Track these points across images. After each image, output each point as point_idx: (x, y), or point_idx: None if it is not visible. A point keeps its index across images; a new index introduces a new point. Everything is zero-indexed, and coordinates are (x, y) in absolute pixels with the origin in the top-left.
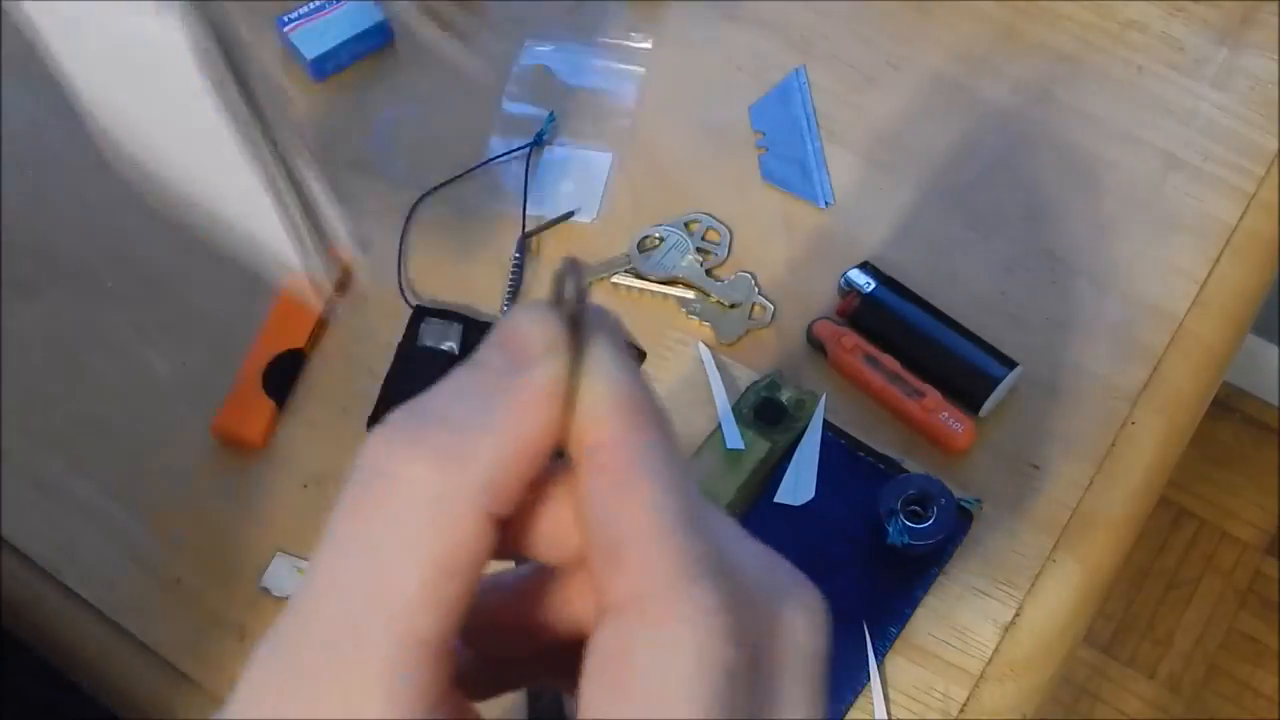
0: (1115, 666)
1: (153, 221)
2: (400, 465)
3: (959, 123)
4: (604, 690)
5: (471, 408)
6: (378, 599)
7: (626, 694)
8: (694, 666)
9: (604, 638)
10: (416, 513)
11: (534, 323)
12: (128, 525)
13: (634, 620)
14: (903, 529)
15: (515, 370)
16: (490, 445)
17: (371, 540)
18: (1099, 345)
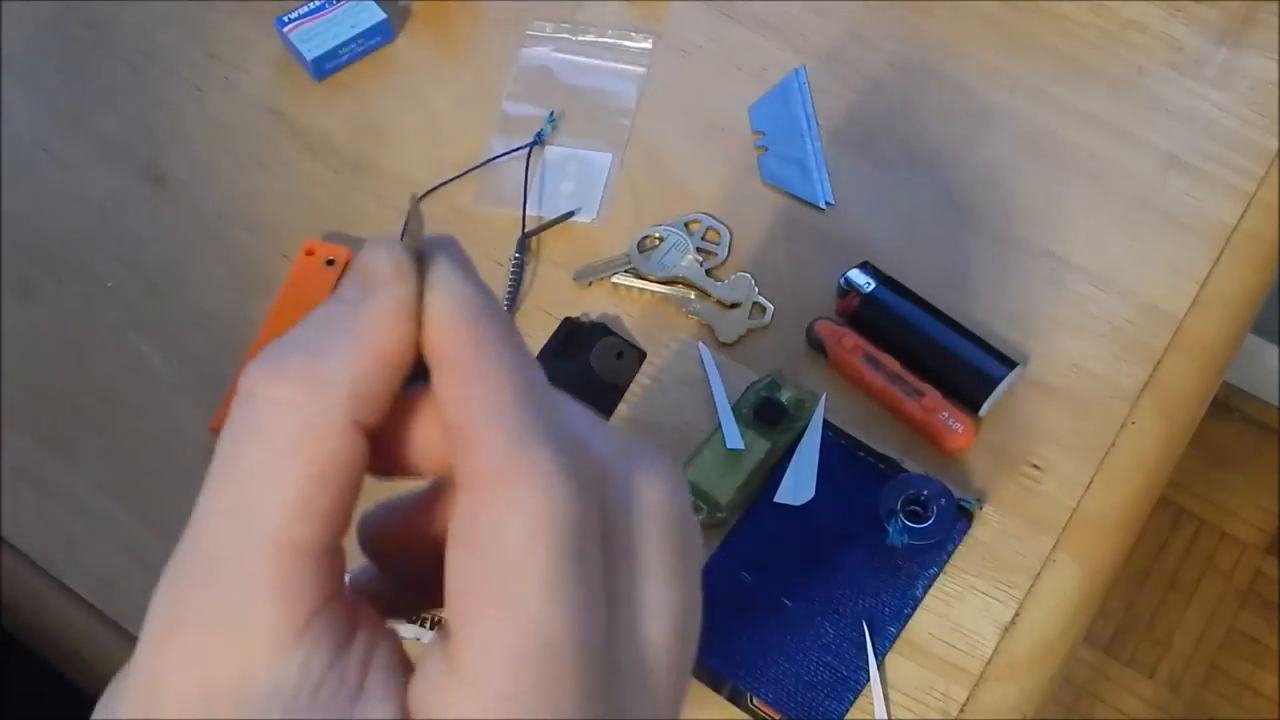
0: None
1: (153, 221)
2: (266, 388)
3: (959, 123)
4: (457, 557)
5: (329, 333)
6: (255, 513)
7: (477, 555)
8: (536, 521)
9: (457, 515)
10: (284, 429)
11: (380, 253)
12: (128, 525)
13: (481, 491)
14: (903, 529)
15: (367, 296)
16: (347, 360)
17: (245, 461)
18: (1099, 345)
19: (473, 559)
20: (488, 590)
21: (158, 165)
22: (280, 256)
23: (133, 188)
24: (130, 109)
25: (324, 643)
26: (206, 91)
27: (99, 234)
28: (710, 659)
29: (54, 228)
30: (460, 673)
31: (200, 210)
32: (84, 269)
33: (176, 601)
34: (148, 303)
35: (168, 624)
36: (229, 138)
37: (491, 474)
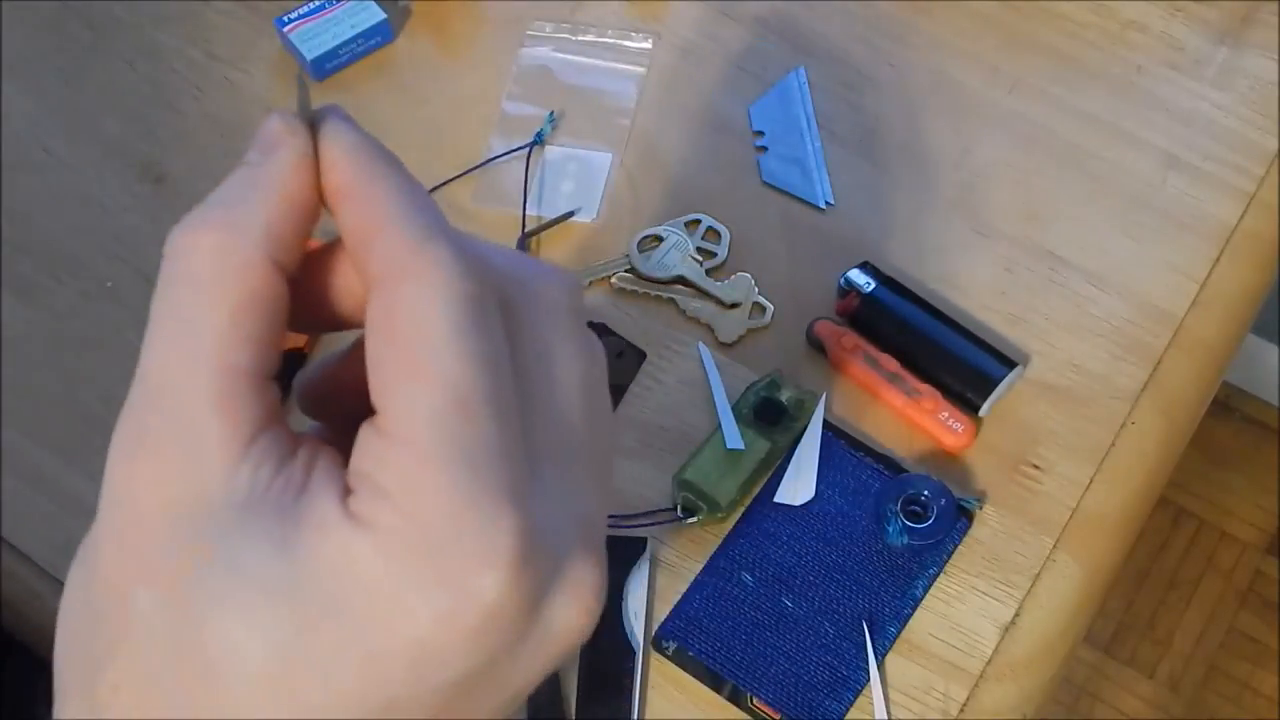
0: (1115, 666)
1: (153, 221)
2: (189, 239)
3: (959, 123)
4: (374, 345)
5: (239, 188)
6: (193, 342)
7: (390, 337)
8: (436, 296)
9: (370, 313)
10: (209, 267)
11: (274, 120)
12: None
13: (388, 284)
14: (903, 529)
15: (267, 154)
16: (258, 206)
17: (177, 300)
18: (1099, 345)
19: (387, 342)
20: (402, 363)
21: (158, 165)
22: None
23: (133, 188)
24: (130, 109)
25: (270, 456)
26: (206, 91)
27: (99, 234)
28: (710, 659)
29: (54, 228)
30: (389, 437)
31: None
32: (84, 269)
33: (132, 431)
34: (148, 303)
35: (126, 452)
36: (229, 138)
37: (396, 268)
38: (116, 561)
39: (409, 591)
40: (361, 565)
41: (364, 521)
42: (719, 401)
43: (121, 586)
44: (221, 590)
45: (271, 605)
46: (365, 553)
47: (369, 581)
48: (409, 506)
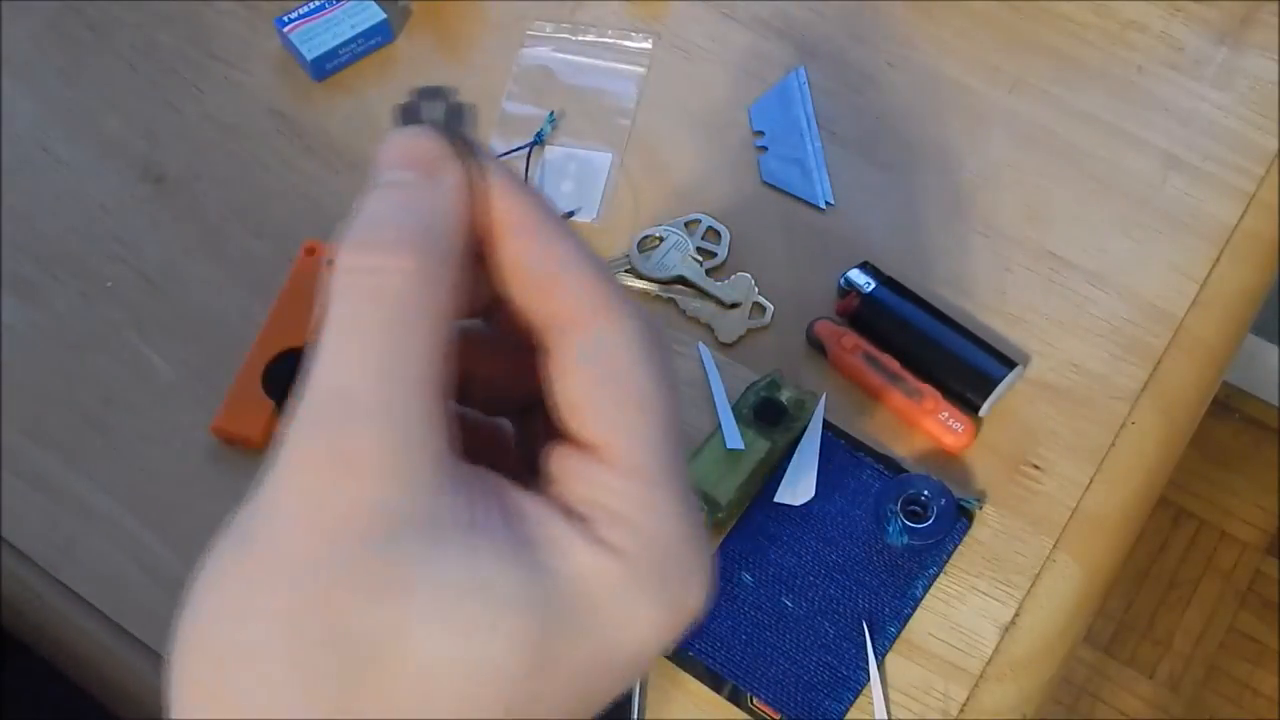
0: (1115, 666)
1: (153, 221)
2: (380, 260)
3: (959, 123)
4: (584, 380)
5: (411, 212)
6: (405, 368)
7: (609, 377)
8: (638, 338)
9: (568, 347)
10: (415, 291)
11: (425, 140)
12: (128, 525)
13: (584, 325)
14: (903, 529)
15: (431, 180)
16: (442, 231)
17: (375, 318)
18: (1099, 345)
19: (603, 379)
20: (623, 399)
21: (158, 165)
22: (280, 256)
23: (133, 188)
24: (130, 109)
25: (466, 478)
26: (206, 91)
27: (99, 234)
28: (710, 659)
29: (54, 228)
30: (617, 468)
31: (200, 210)
32: (84, 269)
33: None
34: (148, 303)
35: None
36: (229, 138)
37: (589, 308)
38: (324, 581)
39: (643, 606)
40: (607, 583)
41: (608, 546)
42: (719, 402)
43: (336, 607)
44: (455, 605)
45: (521, 618)
46: (612, 572)
47: (612, 598)
48: (647, 531)
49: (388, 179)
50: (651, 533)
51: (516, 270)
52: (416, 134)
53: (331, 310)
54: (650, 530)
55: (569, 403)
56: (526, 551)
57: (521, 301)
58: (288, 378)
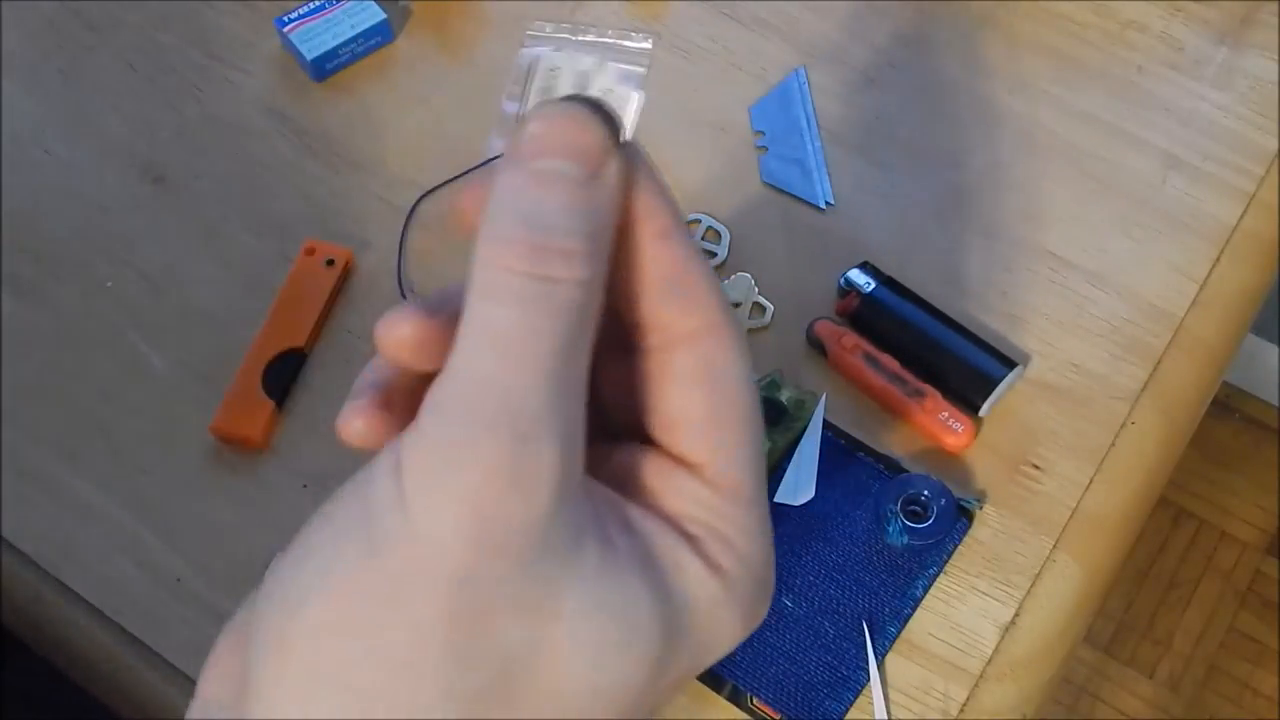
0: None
1: (153, 221)
2: (562, 273)
3: (959, 123)
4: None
5: (583, 218)
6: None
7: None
8: (744, 360)
9: (688, 358)
10: (581, 306)
11: (589, 127)
12: (128, 525)
13: (703, 341)
14: (903, 529)
15: (596, 176)
16: (604, 240)
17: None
18: (1099, 345)
19: (712, 396)
20: (732, 421)
21: (158, 165)
22: (280, 256)
23: (133, 188)
24: (130, 109)
25: (591, 485)
26: (206, 91)
27: (99, 234)
28: None
29: (54, 228)
30: (723, 491)
31: (200, 210)
32: (84, 269)
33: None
34: (148, 303)
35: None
36: (229, 138)
37: (709, 324)
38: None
39: (732, 623)
40: (710, 601)
41: (714, 565)
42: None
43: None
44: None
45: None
46: (715, 591)
47: (711, 614)
48: (743, 551)
49: (548, 168)
50: (747, 553)
51: (647, 274)
52: (578, 118)
53: (495, 311)
54: (745, 550)
55: (675, 416)
56: (652, 571)
57: (643, 307)
58: (288, 378)
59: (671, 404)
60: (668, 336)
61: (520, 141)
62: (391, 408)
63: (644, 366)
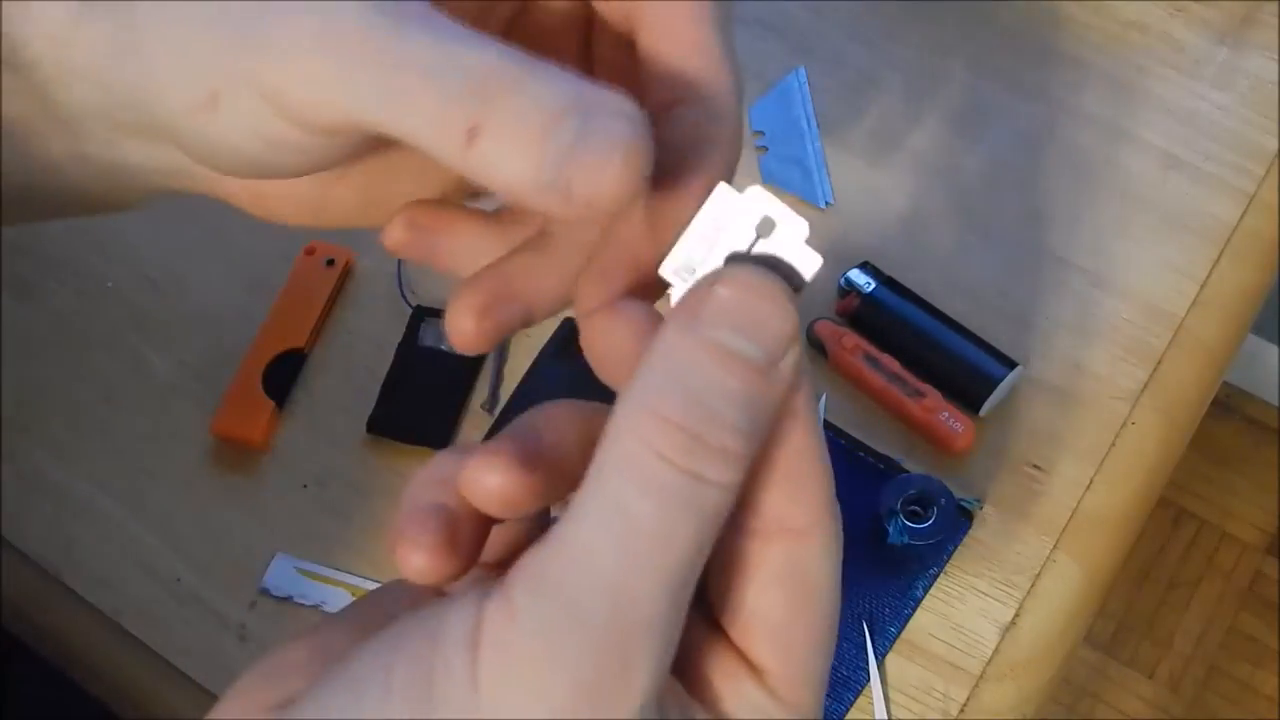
0: (1115, 666)
1: (153, 221)
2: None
3: (959, 123)
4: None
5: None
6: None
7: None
8: (837, 568)
9: (787, 554)
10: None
11: (781, 312)
12: (128, 525)
13: (815, 541)
14: (903, 529)
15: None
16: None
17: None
18: (1099, 345)
19: (795, 601)
20: (809, 628)
21: None
22: (280, 256)
23: None
24: None
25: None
26: None
27: (99, 234)
28: None
29: (54, 228)
30: (788, 701)
31: (200, 210)
32: (84, 269)
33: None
34: (148, 303)
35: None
36: None
37: (810, 524)
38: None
39: None
40: None
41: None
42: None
43: None
44: None
45: None
46: None
47: None
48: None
49: (731, 344)
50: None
51: (772, 457)
52: (775, 295)
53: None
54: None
55: (753, 614)
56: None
57: (756, 488)
58: (288, 378)
59: (754, 600)
60: (769, 525)
61: (702, 302)
62: (457, 546)
63: (734, 546)
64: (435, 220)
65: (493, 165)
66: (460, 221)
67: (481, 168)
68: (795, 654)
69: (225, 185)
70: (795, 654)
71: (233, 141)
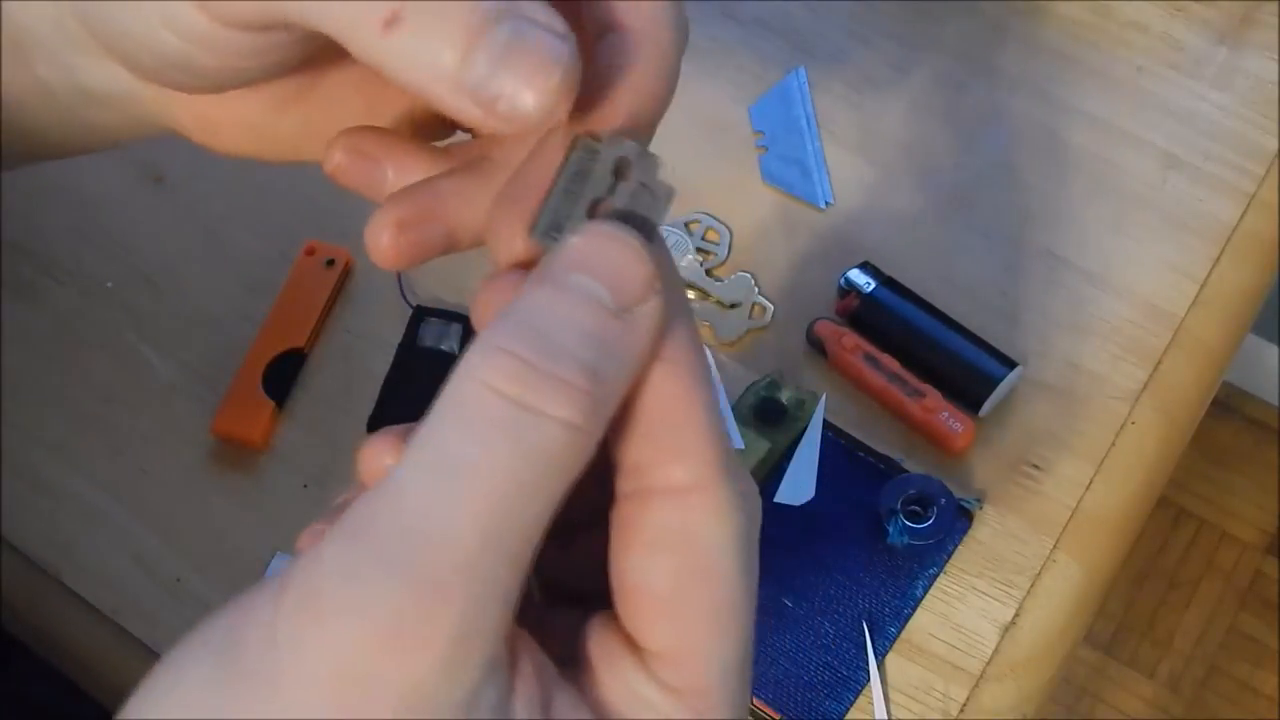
0: (1115, 666)
1: (153, 221)
2: (546, 405)
3: (959, 123)
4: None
5: (599, 353)
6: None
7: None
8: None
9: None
10: (563, 451)
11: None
12: (128, 525)
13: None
14: (903, 529)
15: (629, 314)
16: (619, 389)
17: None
18: (1099, 345)
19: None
20: (702, 604)
21: (158, 165)
22: (280, 256)
23: (133, 188)
24: None
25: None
26: None
27: (99, 234)
28: None
29: (54, 228)
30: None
31: (200, 210)
32: (84, 269)
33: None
34: (148, 303)
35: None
36: None
37: (705, 485)
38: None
39: None
40: None
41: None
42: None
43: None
44: None
45: None
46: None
47: None
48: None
49: (580, 285)
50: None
51: (637, 404)
52: (629, 245)
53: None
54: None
55: (631, 588)
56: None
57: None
58: (288, 378)
59: (634, 570)
60: (645, 484)
61: (558, 253)
62: None
63: (615, 516)
64: (377, 147)
65: (410, 58)
66: (404, 152)
67: (397, 60)
68: (689, 631)
69: (175, 113)
70: (689, 631)
71: (160, 37)
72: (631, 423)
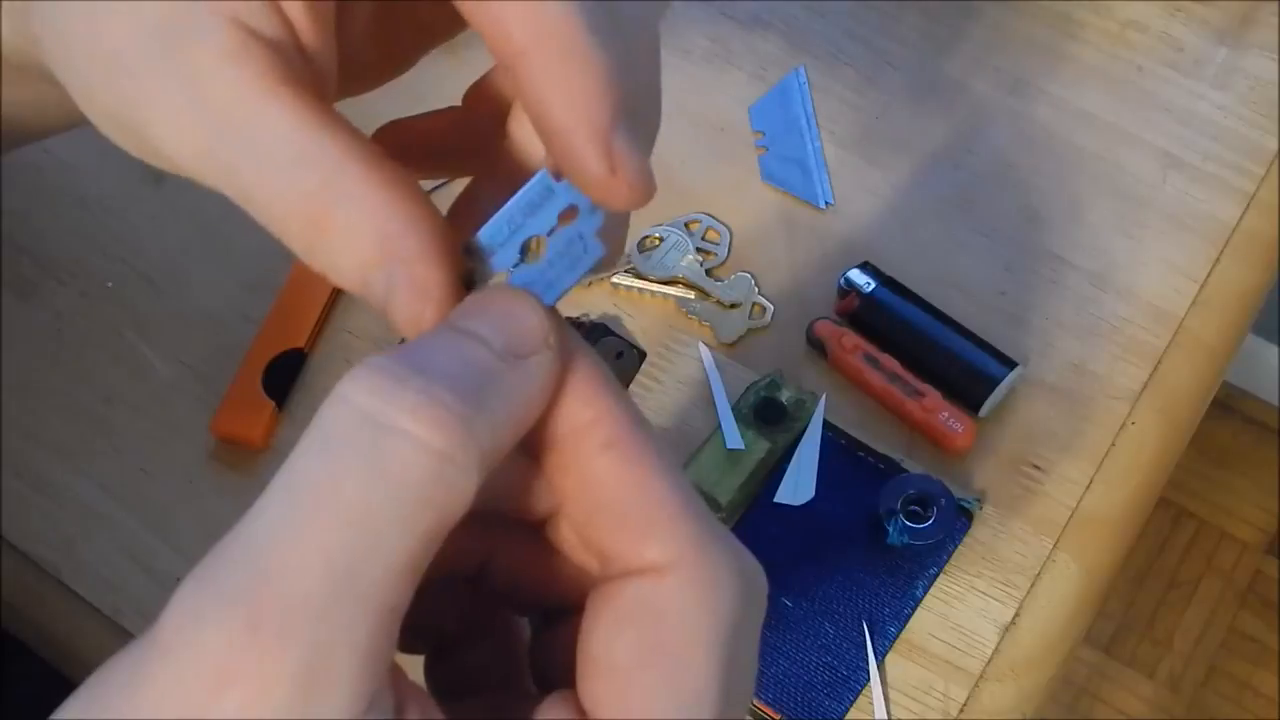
0: (1115, 666)
1: (153, 221)
2: (409, 421)
3: (959, 123)
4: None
5: (475, 382)
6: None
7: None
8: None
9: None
10: (422, 477)
11: (529, 311)
12: (128, 525)
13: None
14: (903, 529)
15: (516, 357)
16: (499, 424)
17: (366, 499)
18: (1099, 345)
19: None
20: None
21: None
22: (280, 256)
23: (133, 188)
24: None
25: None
26: None
27: (99, 234)
28: None
29: (54, 228)
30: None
31: (200, 210)
32: (84, 269)
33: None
34: (148, 303)
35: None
36: None
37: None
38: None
39: None
40: None
41: None
42: (719, 401)
43: None
44: None
45: None
46: None
47: None
48: None
49: (469, 327)
50: None
51: (593, 496)
52: (523, 301)
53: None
54: None
55: (590, 659)
56: None
57: (586, 527)
58: (288, 378)
59: (595, 640)
60: (620, 567)
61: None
62: None
63: (592, 596)
64: None
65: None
66: None
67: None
68: (639, 708)
69: None
70: (639, 708)
71: None
72: (597, 515)
